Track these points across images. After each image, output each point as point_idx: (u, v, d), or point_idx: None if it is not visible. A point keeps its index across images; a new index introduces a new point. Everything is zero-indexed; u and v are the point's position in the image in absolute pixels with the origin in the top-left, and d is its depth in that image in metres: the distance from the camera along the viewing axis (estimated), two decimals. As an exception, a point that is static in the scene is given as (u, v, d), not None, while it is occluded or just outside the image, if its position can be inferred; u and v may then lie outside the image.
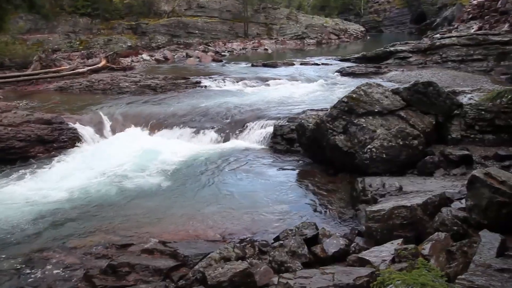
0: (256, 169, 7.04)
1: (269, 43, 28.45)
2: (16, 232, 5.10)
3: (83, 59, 18.79)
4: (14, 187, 6.40)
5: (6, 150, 7.67)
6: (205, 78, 13.39)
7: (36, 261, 4.42)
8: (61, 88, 12.47)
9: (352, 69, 14.50)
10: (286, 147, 7.89)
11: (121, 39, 25.76)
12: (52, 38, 24.93)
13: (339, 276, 3.39)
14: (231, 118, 9.03)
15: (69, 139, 8.27)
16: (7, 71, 14.15)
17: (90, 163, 7.16)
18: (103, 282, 3.93)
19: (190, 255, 4.21)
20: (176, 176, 6.73)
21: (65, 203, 5.79)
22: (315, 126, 6.77)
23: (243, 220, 5.23)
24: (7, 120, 8.04)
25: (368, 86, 6.85)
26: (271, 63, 16.90)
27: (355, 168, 6.24)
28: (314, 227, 4.67)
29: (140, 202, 5.85)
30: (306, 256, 4.18)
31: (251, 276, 3.59)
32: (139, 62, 19.13)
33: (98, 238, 4.89)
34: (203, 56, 20.68)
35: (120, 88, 12.04)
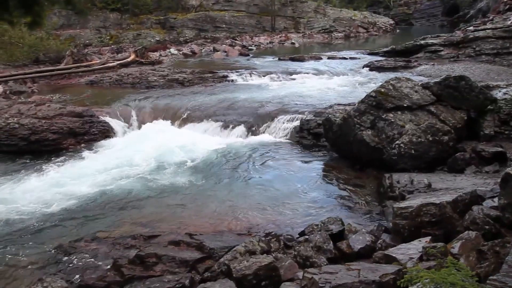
0: (282, 163, 7.04)
1: (296, 37, 28.21)
2: (49, 220, 5.30)
3: (113, 53, 19.17)
4: (47, 177, 6.62)
5: (41, 142, 7.95)
6: (232, 72, 13.43)
7: (68, 249, 4.58)
8: (92, 82, 12.79)
9: (381, 63, 14.22)
10: (313, 142, 7.84)
11: (150, 33, 26.12)
12: (84, 33, 25.56)
13: (364, 272, 3.36)
14: (257, 112, 9.04)
15: (99, 132, 8.49)
16: (41, 66, 14.61)
17: (119, 156, 7.33)
18: (131, 272, 4.04)
19: (215, 248, 4.26)
20: (202, 170, 6.80)
21: (95, 194, 5.96)
22: (342, 121, 6.69)
23: (268, 214, 5.25)
24: (41, 113, 8.31)
25: (397, 80, 6.71)
26: (298, 57, 16.76)
27: (383, 163, 6.14)
28: (340, 222, 4.64)
29: (167, 194, 5.95)
30: (331, 251, 4.16)
31: (276, 270, 3.60)
32: (167, 56, 19.37)
33: (127, 229, 5.02)
34: (230, 50, 20.72)
35: (148, 82, 12.24)
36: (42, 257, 4.51)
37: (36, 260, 4.45)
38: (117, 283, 3.95)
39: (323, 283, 3.25)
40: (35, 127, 8.01)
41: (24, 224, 5.22)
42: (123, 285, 3.91)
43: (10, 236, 4.94)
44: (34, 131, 7.98)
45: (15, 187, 6.28)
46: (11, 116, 8.16)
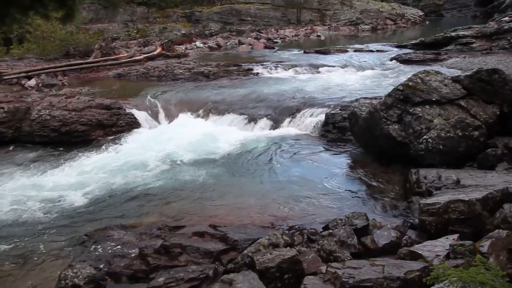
0: (307, 157, 7.01)
1: (322, 30, 27.87)
2: (78, 209, 5.47)
3: (139, 47, 19.44)
4: (77, 167, 6.82)
5: (71, 133, 8.19)
6: (257, 65, 13.41)
7: (97, 237, 4.72)
8: (119, 75, 13.03)
9: (409, 56, 13.87)
10: (338, 136, 7.76)
11: (176, 27, 26.35)
12: (112, 27, 26.03)
13: (389, 268, 3.33)
14: (282, 105, 9.01)
15: (126, 124, 8.66)
16: (71, 59, 14.98)
17: (145, 148, 7.46)
18: (156, 261, 4.12)
19: (239, 240, 4.30)
20: (227, 162, 6.86)
21: (122, 185, 6.10)
22: (368, 114, 6.59)
23: (292, 207, 5.25)
24: (71, 105, 8.55)
25: (426, 73, 6.54)
26: (323, 50, 16.56)
27: (409, 158, 6.03)
28: (365, 217, 4.59)
29: (192, 186, 6.03)
30: (355, 246, 4.13)
31: (299, 264, 3.61)
32: (192, 50, 19.50)
33: (153, 219, 5.13)
34: (255, 43, 20.66)
35: (174, 75, 12.37)
36: (72, 244, 4.66)
37: (67, 247, 4.60)
38: (143, 272, 4.05)
39: (346, 277, 3.24)
40: (65, 119, 8.25)
41: (55, 211, 5.41)
42: (148, 273, 4.00)
43: (42, 223, 5.13)
44: (65, 123, 8.22)
45: (47, 176, 6.50)
46: (43, 108, 8.42)
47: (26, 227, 5.05)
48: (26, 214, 5.36)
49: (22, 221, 5.21)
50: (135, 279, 4.01)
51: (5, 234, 4.88)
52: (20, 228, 5.02)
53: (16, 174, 6.63)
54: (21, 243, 4.68)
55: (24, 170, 6.82)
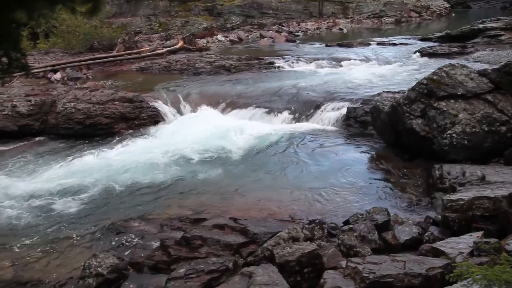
0: (328, 151, 6.96)
1: (344, 23, 27.47)
2: (102, 200, 5.60)
3: (162, 40, 19.61)
4: (100, 159, 6.96)
5: (94, 126, 8.36)
6: (278, 58, 13.35)
7: (119, 228, 4.82)
8: (142, 69, 13.19)
9: (434, 49, 13.54)
10: (359, 130, 7.68)
11: (197, 20, 26.44)
12: (134, 21, 26.32)
13: (410, 264, 3.29)
14: (304, 99, 8.96)
15: (148, 117, 8.77)
16: (95, 53, 15.24)
17: (167, 140, 7.56)
18: (177, 252, 4.18)
19: (259, 233, 4.31)
20: (247, 156, 6.88)
21: (145, 176, 6.19)
22: (391, 109, 6.49)
23: (312, 202, 5.23)
24: (95, 98, 8.71)
25: (451, 67, 6.39)
26: (346, 43, 16.35)
27: (432, 154, 5.92)
28: (386, 213, 4.54)
29: (212, 179, 6.08)
30: (376, 242, 4.10)
31: (319, 258, 3.60)
32: (214, 43, 19.54)
33: (174, 211, 5.20)
34: (277, 36, 20.54)
35: (196, 69, 12.44)
36: (95, 234, 4.78)
37: (90, 237, 4.72)
38: (164, 263, 4.11)
39: (367, 273, 3.22)
40: (89, 112, 8.42)
41: (79, 202, 5.56)
42: (169, 264, 4.06)
43: (67, 213, 5.28)
44: (89, 116, 8.39)
45: (71, 167, 6.66)
46: (68, 101, 8.61)
47: (51, 217, 5.20)
48: (51, 204, 5.51)
49: (47, 211, 5.36)
50: (157, 270, 4.08)
51: (31, 224, 5.04)
52: (45, 218, 5.18)
53: (42, 165, 6.81)
54: (47, 233, 4.83)
55: (49, 161, 7.00)
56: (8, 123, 8.37)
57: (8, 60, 1.79)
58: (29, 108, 8.51)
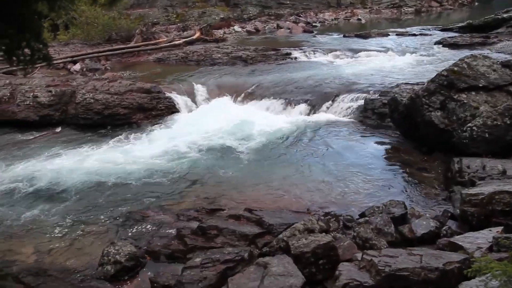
0: (344, 143, 6.92)
1: (362, 13, 27.04)
2: (119, 188, 5.69)
3: (179, 31, 19.63)
4: (119, 149, 7.07)
5: (113, 116, 8.46)
6: (295, 49, 13.24)
7: (137, 217, 4.90)
8: (159, 60, 13.26)
9: (455, 39, 13.23)
10: (377, 122, 7.59)
11: (214, 11, 26.39)
12: (152, 12, 26.42)
13: (427, 258, 3.26)
14: (320, 90, 8.88)
15: (165, 108, 8.83)
16: (114, 44, 15.38)
17: (183, 131, 7.61)
18: (193, 242, 4.24)
19: (274, 224, 4.33)
20: (263, 147, 6.88)
21: (161, 167, 6.27)
22: (409, 101, 6.39)
23: (328, 193, 5.22)
24: (113, 89, 8.81)
25: (473, 58, 6.24)
26: (364, 34, 16.09)
27: (452, 147, 5.82)
28: (403, 206, 4.51)
29: (229, 170, 6.11)
30: (392, 235, 4.07)
31: (334, 250, 3.60)
32: (231, 34, 19.49)
33: (190, 201, 5.26)
34: (294, 27, 20.35)
35: (212, 59, 12.45)
36: (113, 222, 4.87)
37: (109, 225, 4.82)
38: (181, 252, 4.18)
39: (382, 266, 3.21)
40: (108, 102, 8.53)
41: (97, 190, 5.67)
42: (186, 253, 4.13)
43: (85, 201, 5.39)
44: (107, 106, 8.50)
45: (89, 157, 6.77)
46: (87, 92, 8.74)
47: (70, 205, 5.32)
48: (71, 192, 5.64)
49: (67, 199, 5.49)
50: (173, 258, 4.15)
51: (51, 212, 5.16)
52: (65, 206, 5.30)
53: (62, 155, 6.95)
54: (66, 220, 4.94)
55: (69, 150, 7.14)
56: (30, 113, 8.56)
57: (31, 50, 1.83)
58: (49, 98, 8.67)
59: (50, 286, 3.83)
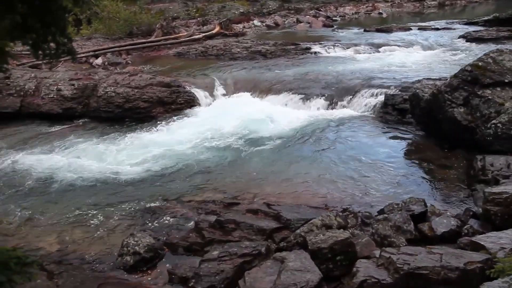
0: (364, 138, 6.84)
1: (384, 7, 26.59)
2: (139, 181, 5.78)
3: (198, 26, 19.70)
4: (138, 142, 7.16)
5: (133, 110, 8.58)
6: (315, 44, 13.13)
7: (156, 209, 4.98)
8: (179, 54, 13.36)
9: (480, 33, 12.87)
10: (397, 118, 7.47)
11: (234, 5, 26.35)
12: (172, 6, 26.57)
13: (447, 257, 3.21)
14: (340, 85, 8.80)
15: (185, 102, 8.89)
16: (134, 38, 15.55)
17: (202, 125, 7.65)
18: (211, 235, 4.28)
19: (292, 219, 4.33)
20: (282, 142, 6.86)
21: (180, 160, 6.33)
22: (431, 96, 6.27)
23: (347, 189, 5.18)
24: (134, 83, 8.92)
25: (499, 53, 6.07)
26: (385, 28, 15.84)
27: (475, 144, 5.69)
28: (423, 203, 4.44)
29: (247, 164, 6.13)
30: (411, 232, 4.02)
31: (352, 246, 3.58)
32: (250, 28, 19.45)
33: (208, 194, 5.30)
34: (314, 21, 20.17)
35: (232, 54, 12.46)
36: (133, 214, 4.96)
37: (128, 216, 4.91)
38: (198, 244, 4.22)
39: (401, 263, 3.18)
40: (128, 96, 8.65)
41: (117, 182, 5.77)
42: (203, 246, 4.17)
43: (106, 193, 5.49)
44: (128, 100, 8.62)
45: (110, 149, 6.89)
46: (109, 86, 8.87)
47: (91, 196, 5.43)
48: (92, 183, 5.75)
49: (88, 190, 5.60)
50: (191, 251, 4.20)
51: (73, 202, 5.29)
52: (86, 197, 5.41)
53: (84, 147, 7.09)
54: (88, 210, 5.06)
55: (91, 142, 7.27)
56: (54, 106, 8.75)
57: (56, 44, 1.88)
58: (72, 92, 8.84)
59: (72, 275, 3.93)
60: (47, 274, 3.90)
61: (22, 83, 9.01)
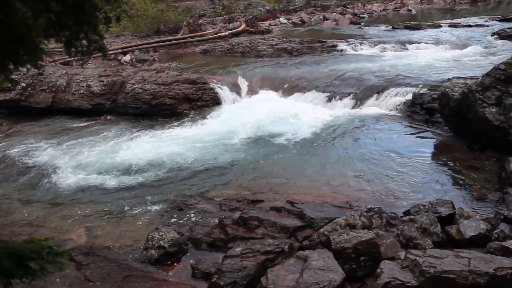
0: (390, 138, 6.73)
1: (413, 3, 26.02)
2: (164, 176, 5.87)
3: (225, 23, 19.80)
4: (165, 138, 7.27)
5: (160, 106, 8.71)
6: (341, 41, 13.00)
7: (181, 204, 5.04)
8: (205, 51, 13.47)
9: (515, 30, 12.46)
10: (425, 117, 7.31)
11: (260, 3, 26.33)
12: (199, 4, 26.78)
13: (476, 262, 3.12)
14: (367, 83, 8.67)
15: (210, 99, 8.96)
16: (162, 36, 15.78)
17: (227, 122, 7.70)
18: (234, 232, 4.30)
19: (316, 218, 4.30)
20: (306, 140, 6.83)
21: (204, 157, 6.39)
22: (462, 95, 6.10)
23: (372, 189, 5.11)
24: (161, 79, 9.05)
25: (535, 51, 5.85)
26: (414, 25, 15.52)
27: (507, 145, 5.51)
28: (451, 205, 4.33)
29: (271, 162, 6.13)
30: (438, 235, 3.93)
31: (376, 247, 3.53)
32: (276, 26, 19.41)
33: (232, 191, 5.33)
34: (340, 18, 19.95)
35: (257, 51, 12.47)
36: (158, 208, 5.03)
37: (153, 211, 4.99)
38: (222, 241, 4.25)
39: (427, 266, 3.11)
40: (155, 92, 8.78)
41: (143, 176, 5.88)
42: (226, 242, 4.20)
43: (132, 187, 5.61)
44: (155, 96, 8.75)
45: (138, 144, 7.01)
46: (136, 82, 9.03)
47: (118, 189, 5.56)
48: (119, 178, 5.88)
49: (115, 183, 5.73)
50: (214, 247, 4.24)
51: (101, 195, 5.42)
52: (113, 191, 5.54)
53: (111, 142, 7.24)
54: (114, 204, 5.17)
55: (118, 138, 7.43)
56: (84, 101, 8.98)
57: (88, 42, 1.93)
58: (101, 88, 9.04)
59: (99, 266, 4.03)
60: (76, 265, 4.02)
61: (54, 79, 9.28)
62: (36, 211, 5.12)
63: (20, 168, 6.37)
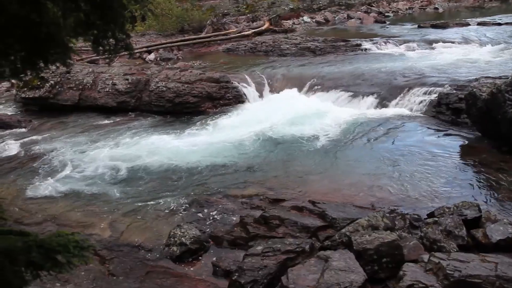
0: (415, 138, 6.61)
1: (440, 1, 25.42)
2: (186, 174, 5.92)
3: (248, 22, 19.83)
4: (188, 136, 7.36)
5: (183, 104, 8.81)
6: (366, 40, 12.83)
7: (202, 202, 5.09)
8: (228, 50, 13.54)
9: (548, 29, 12.02)
10: (451, 118, 7.14)
11: (284, 1, 26.24)
12: (223, 3, 26.90)
13: (503, 267, 3.04)
14: (391, 83, 8.54)
15: (233, 97, 9.00)
16: (186, 35, 15.95)
17: (250, 121, 7.72)
18: (255, 230, 4.32)
19: (337, 218, 4.27)
20: (330, 139, 6.78)
21: (228, 155, 6.43)
22: (490, 96, 5.93)
23: (395, 190, 5.03)
24: (184, 78, 9.15)
25: None
26: (441, 24, 15.19)
27: (538, 148, 5.33)
28: (477, 208, 4.21)
29: (293, 161, 6.12)
30: (463, 238, 3.83)
31: (399, 249, 3.48)
32: (299, 24, 19.32)
33: (254, 190, 5.34)
34: (365, 17, 19.69)
35: (281, 50, 12.45)
36: (180, 206, 5.09)
37: (176, 208, 5.04)
38: (243, 239, 4.28)
39: (451, 270, 3.05)
40: (179, 91, 8.88)
41: (166, 173, 5.96)
42: (247, 241, 4.22)
43: (156, 184, 5.69)
44: (178, 94, 8.86)
45: (161, 142, 7.11)
46: (160, 80, 9.16)
47: (142, 186, 5.66)
48: (143, 175, 5.98)
49: (139, 180, 5.84)
50: (235, 245, 4.26)
51: (125, 192, 5.52)
52: (137, 187, 5.64)
53: (137, 139, 7.38)
54: (137, 201, 5.26)
55: (143, 135, 7.56)
56: (109, 99, 9.17)
57: (115, 40, 1.98)
58: (126, 86, 9.22)
59: (122, 261, 4.12)
60: (99, 259, 4.12)
61: (81, 77, 9.51)
62: (62, 205, 5.27)
63: (46, 163, 6.57)
